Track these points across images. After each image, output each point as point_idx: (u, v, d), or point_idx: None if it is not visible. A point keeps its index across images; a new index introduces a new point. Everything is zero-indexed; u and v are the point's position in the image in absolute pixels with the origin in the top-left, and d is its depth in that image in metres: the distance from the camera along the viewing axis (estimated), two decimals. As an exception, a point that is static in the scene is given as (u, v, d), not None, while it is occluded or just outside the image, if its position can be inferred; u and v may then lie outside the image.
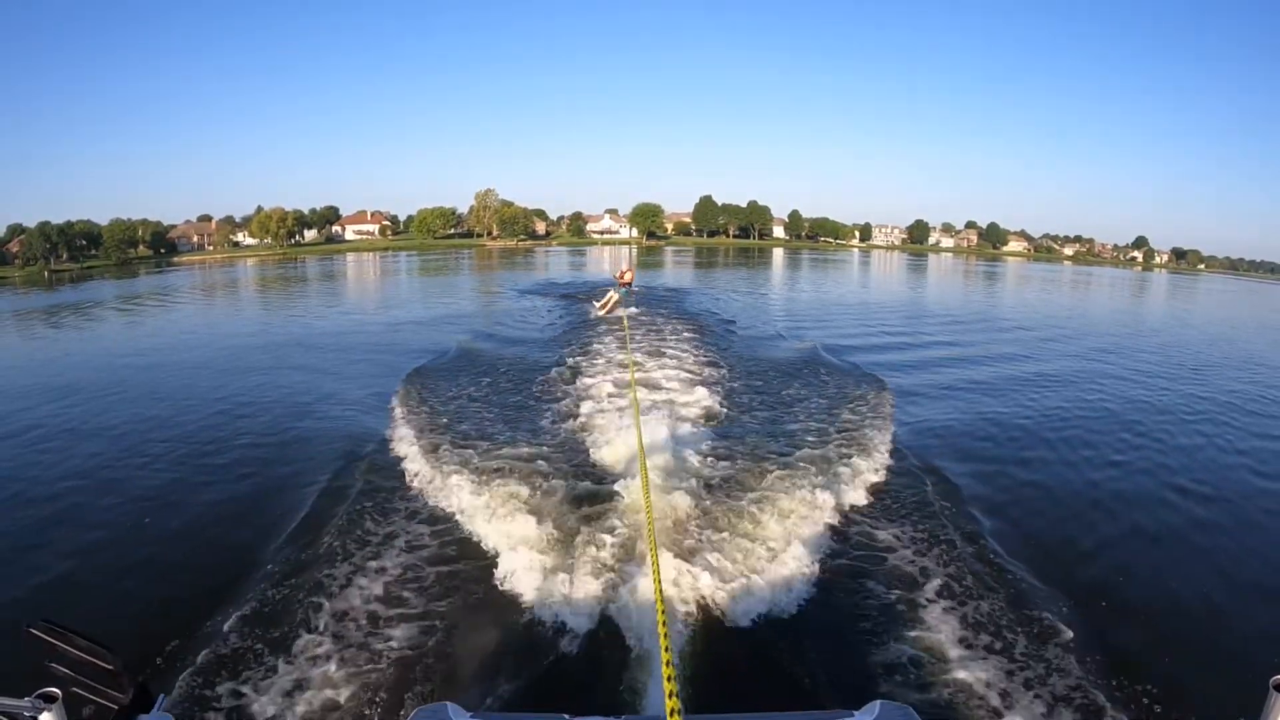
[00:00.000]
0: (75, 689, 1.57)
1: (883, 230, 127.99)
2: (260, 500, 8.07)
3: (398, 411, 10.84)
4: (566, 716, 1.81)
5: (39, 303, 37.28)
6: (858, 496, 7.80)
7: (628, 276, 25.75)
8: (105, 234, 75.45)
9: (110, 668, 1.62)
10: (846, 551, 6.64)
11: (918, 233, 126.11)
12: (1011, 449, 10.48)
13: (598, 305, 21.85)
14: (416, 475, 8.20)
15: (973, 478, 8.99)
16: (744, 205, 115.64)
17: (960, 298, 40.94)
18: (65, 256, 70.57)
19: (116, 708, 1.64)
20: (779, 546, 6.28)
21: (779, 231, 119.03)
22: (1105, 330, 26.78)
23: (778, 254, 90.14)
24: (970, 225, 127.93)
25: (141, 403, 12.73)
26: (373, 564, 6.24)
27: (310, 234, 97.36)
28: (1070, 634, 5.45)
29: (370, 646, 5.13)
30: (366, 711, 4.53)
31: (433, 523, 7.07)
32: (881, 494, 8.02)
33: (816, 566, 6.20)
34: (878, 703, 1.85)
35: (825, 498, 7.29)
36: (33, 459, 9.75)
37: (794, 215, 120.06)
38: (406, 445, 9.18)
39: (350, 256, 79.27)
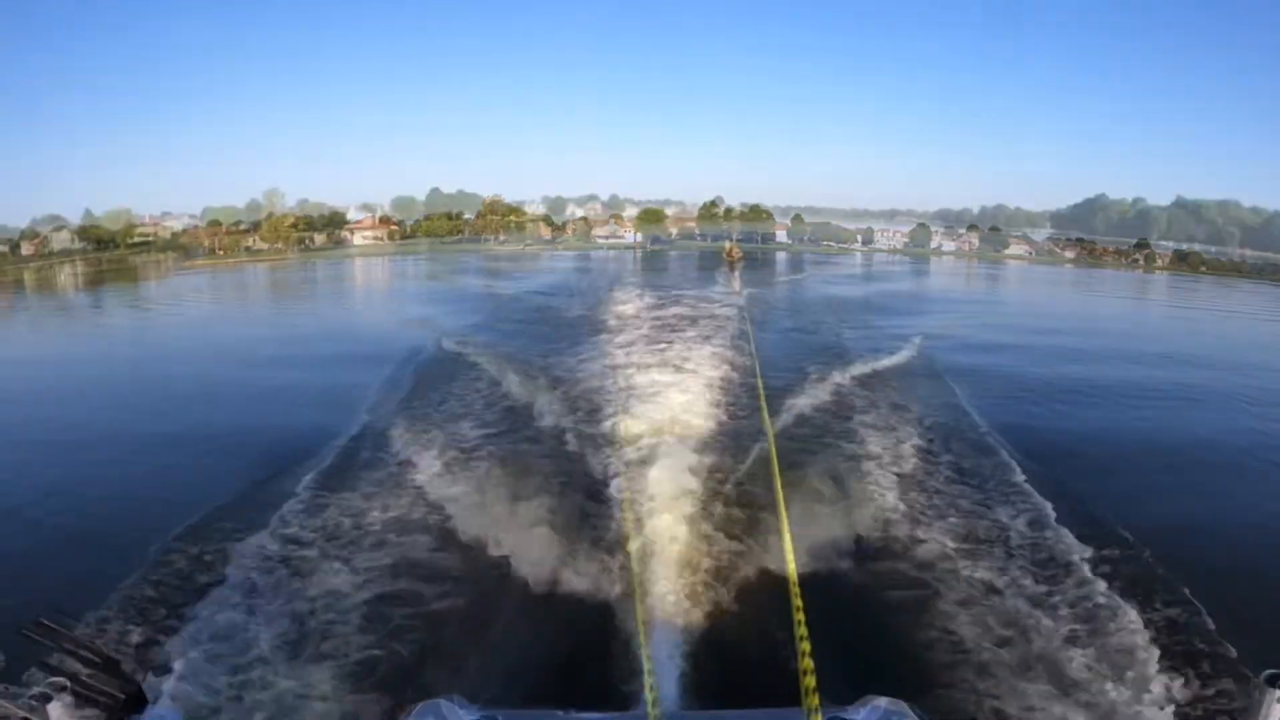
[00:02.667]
0: (77, 684, 1.59)
1: (884, 234, 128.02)
2: (260, 496, 8.11)
3: (399, 405, 10.88)
4: (570, 711, 1.84)
5: (53, 302, 37.62)
6: (862, 493, 7.77)
7: (735, 253, 32.87)
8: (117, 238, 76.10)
9: (111, 663, 1.64)
10: (850, 549, 6.64)
11: (919, 236, 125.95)
12: (1023, 448, 10.28)
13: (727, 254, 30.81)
14: (419, 470, 8.24)
15: (981, 474, 8.91)
16: (747, 209, 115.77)
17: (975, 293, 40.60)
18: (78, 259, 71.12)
19: (116, 702, 1.65)
20: (782, 543, 6.28)
21: (781, 236, 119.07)
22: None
23: (780, 256, 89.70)
24: (971, 228, 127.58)
25: (145, 398, 12.86)
26: (374, 560, 6.29)
27: (319, 238, 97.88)
28: (1071, 634, 5.45)
29: (373, 641, 5.17)
30: (370, 706, 4.56)
31: (435, 517, 7.11)
32: (887, 491, 7.97)
33: (820, 563, 6.20)
34: (874, 699, 1.87)
35: (828, 492, 7.31)
36: (36, 455, 9.83)
37: (796, 219, 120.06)
38: (408, 441, 9.20)
39: (359, 260, 79.62)
